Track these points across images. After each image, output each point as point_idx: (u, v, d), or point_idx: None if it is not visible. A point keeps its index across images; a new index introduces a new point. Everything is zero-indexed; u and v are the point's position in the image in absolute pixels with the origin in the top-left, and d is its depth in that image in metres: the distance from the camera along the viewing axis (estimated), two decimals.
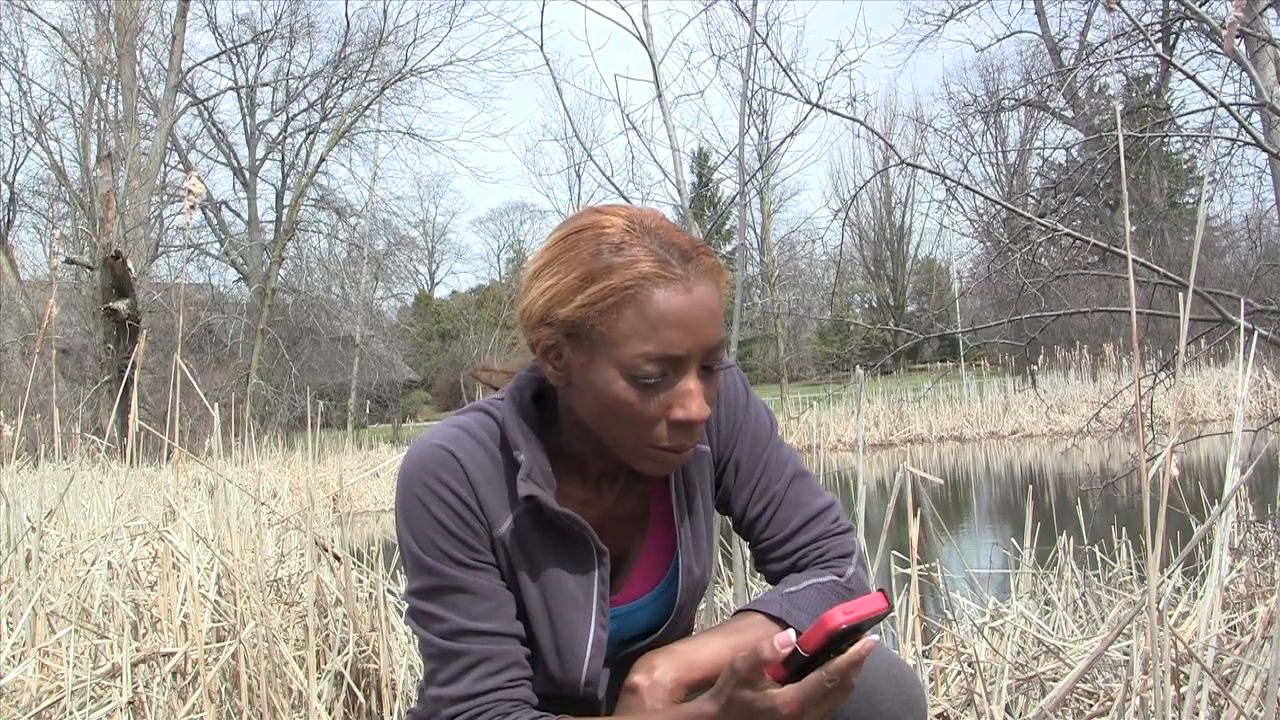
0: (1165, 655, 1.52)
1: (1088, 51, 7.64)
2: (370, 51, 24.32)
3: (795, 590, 1.21)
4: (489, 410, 1.21)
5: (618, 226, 1.09)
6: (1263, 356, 9.88)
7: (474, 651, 1.14)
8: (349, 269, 25.64)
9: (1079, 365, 16.99)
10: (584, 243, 1.09)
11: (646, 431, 1.10)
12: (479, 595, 1.15)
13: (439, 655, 1.15)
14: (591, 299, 1.07)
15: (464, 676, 1.13)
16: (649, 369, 1.07)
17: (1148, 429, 4.51)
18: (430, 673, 1.17)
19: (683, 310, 1.06)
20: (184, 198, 2.13)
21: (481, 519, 1.16)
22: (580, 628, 1.20)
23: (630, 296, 1.06)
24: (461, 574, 1.14)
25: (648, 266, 1.06)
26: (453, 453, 1.15)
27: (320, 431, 13.93)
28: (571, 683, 1.20)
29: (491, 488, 1.16)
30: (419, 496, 1.14)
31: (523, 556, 1.18)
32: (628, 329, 1.06)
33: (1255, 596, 2.50)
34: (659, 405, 1.08)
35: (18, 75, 21.71)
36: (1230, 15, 1.50)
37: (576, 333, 1.09)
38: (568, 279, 1.09)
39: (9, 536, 2.69)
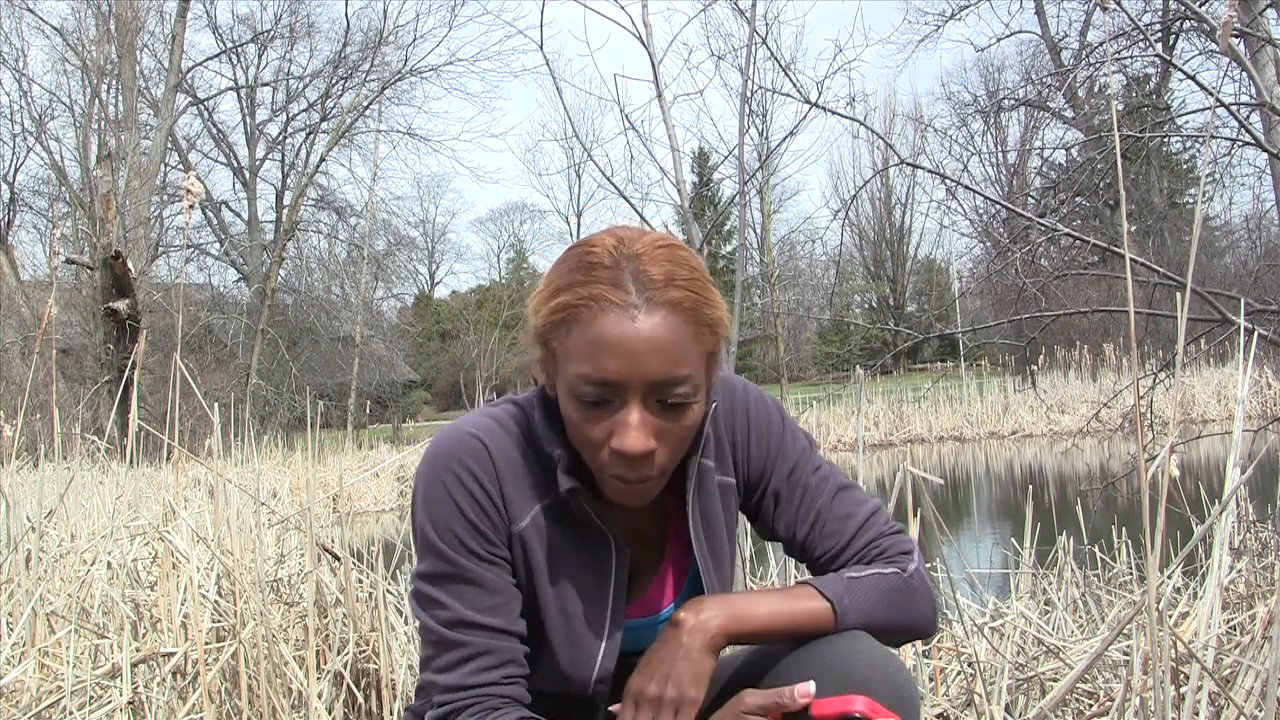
0: (1165, 655, 1.52)
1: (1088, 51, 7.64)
2: (370, 51, 24.34)
3: (857, 576, 1.20)
4: (520, 404, 1.22)
5: (605, 247, 1.10)
6: (1263, 356, 9.89)
7: (473, 644, 1.14)
8: (349, 269, 25.65)
9: (1079, 365, 16.99)
10: (570, 258, 1.12)
11: (595, 454, 1.11)
12: (487, 589, 1.15)
13: (438, 642, 1.15)
14: (551, 312, 1.09)
15: (459, 667, 1.14)
16: (586, 390, 1.08)
17: (1147, 429, 4.51)
18: (426, 658, 1.17)
19: (621, 338, 1.06)
20: (183, 198, 2.13)
21: (502, 513, 1.16)
22: (595, 624, 1.20)
23: (576, 316, 1.07)
24: (473, 565, 1.14)
25: (600, 289, 1.06)
26: (484, 442, 1.16)
27: (320, 431, 13.93)
28: (582, 680, 1.20)
29: (517, 482, 1.17)
30: (443, 481, 1.14)
31: (542, 552, 1.18)
32: (572, 347, 1.08)
33: (1255, 596, 2.50)
34: (602, 430, 1.09)
35: (18, 75, 21.73)
36: (1225, 14, 1.50)
37: (544, 343, 1.12)
38: (545, 290, 1.11)
39: (9, 536, 2.69)
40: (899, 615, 1.21)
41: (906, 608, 1.21)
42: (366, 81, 24.48)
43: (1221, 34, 1.63)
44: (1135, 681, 1.70)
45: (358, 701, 2.32)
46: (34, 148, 22.40)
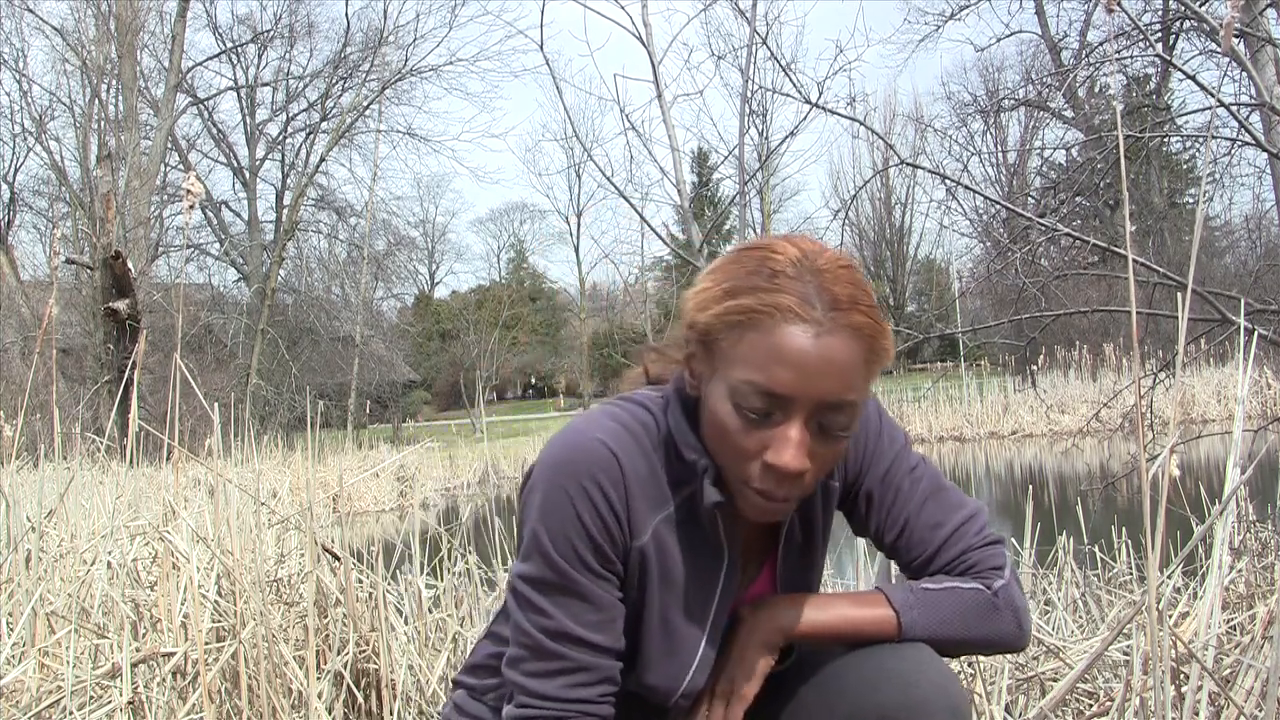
0: (1165, 655, 1.52)
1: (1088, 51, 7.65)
2: (370, 51, 24.35)
3: (931, 589, 1.19)
4: (648, 406, 1.17)
5: (787, 256, 1.07)
6: (1263, 356, 9.89)
7: (572, 659, 1.11)
8: (349, 269, 25.66)
9: (1079, 365, 16.98)
10: (748, 260, 1.08)
11: (741, 466, 1.07)
12: (595, 604, 1.12)
13: (534, 648, 1.12)
14: (726, 312, 1.06)
15: (554, 678, 1.11)
16: (753, 400, 1.04)
17: (1148, 429, 4.51)
18: (518, 658, 1.14)
19: (801, 352, 1.02)
20: (183, 198, 2.13)
21: (625, 530, 1.12)
22: (692, 642, 1.17)
23: (757, 322, 1.04)
24: (586, 580, 1.11)
25: (786, 299, 1.04)
26: (616, 455, 1.11)
27: (320, 431, 13.94)
28: (668, 692, 1.18)
29: (643, 496, 1.13)
30: (569, 492, 1.10)
31: (656, 563, 1.15)
32: (745, 352, 1.04)
33: (1255, 596, 2.50)
34: (756, 442, 1.05)
35: (18, 75, 21.73)
36: (1228, 15, 1.50)
37: (706, 342, 1.09)
38: (716, 288, 1.08)
39: (9, 536, 2.69)
40: (974, 631, 1.19)
41: (984, 624, 1.19)
42: (366, 81, 24.51)
43: (1223, 35, 1.63)
44: (1135, 681, 1.70)
45: (358, 701, 2.32)
46: (34, 148, 22.43)
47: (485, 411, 17.75)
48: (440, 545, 2.90)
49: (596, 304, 41.14)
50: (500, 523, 3.06)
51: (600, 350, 35.93)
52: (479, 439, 19.02)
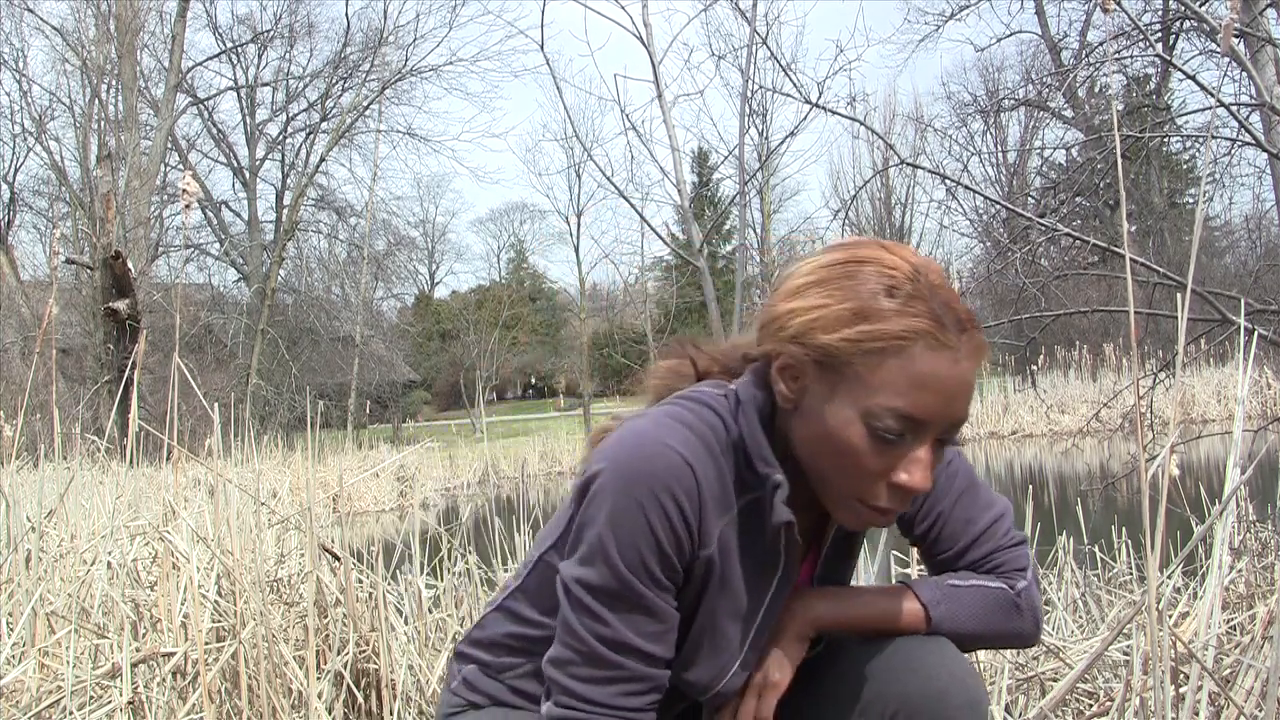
0: (1165, 655, 1.52)
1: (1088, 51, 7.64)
2: (370, 51, 24.35)
3: (959, 585, 1.21)
4: (716, 410, 1.14)
5: (903, 272, 1.06)
6: (1263, 356, 9.89)
7: (628, 669, 1.09)
8: (349, 269, 25.66)
9: (1079, 365, 16.99)
10: (865, 275, 1.06)
11: (863, 485, 1.07)
12: (657, 617, 1.10)
13: (588, 655, 1.09)
14: (860, 336, 1.04)
15: (606, 686, 1.10)
16: (891, 424, 1.04)
17: (1147, 429, 4.51)
18: (567, 660, 1.11)
19: (945, 379, 1.04)
20: (181, 197, 2.13)
21: (695, 541, 1.10)
22: (736, 644, 1.17)
23: (900, 348, 1.03)
24: (651, 593, 1.09)
25: (925, 324, 1.04)
26: (693, 469, 1.08)
27: (320, 431, 13.94)
28: (705, 688, 1.18)
29: (714, 505, 1.11)
30: (642, 504, 1.06)
31: (717, 569, 1.13)
32: (886, 379, 1.03)
33: (1255, 596, 2.50)
34: (884, 462, 1.05)
35: (18, 75, 21.73)
36: (1228, 15, 1.50)
37: (830, 363, 1.06)
38: (838, 307, 1.06)
39: (9, 536, 2.69)
40: (994, 628, 1.22)
41: (1004, 623, 1.22)
42: (366, 81, 24.51)
43: (1223, 35, 1.64)
44: (1135, 681, 1.70)
45: (358, 701, 2.32)
46: (34, 148, 22.42)
47: (485, 411, 17.77)
48: (440, 545, 2.90)
49: (596, 304, 41.14)
50: (500, 523, 3.06)
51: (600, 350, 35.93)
52: (479, 439, 19.03)
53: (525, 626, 1.23)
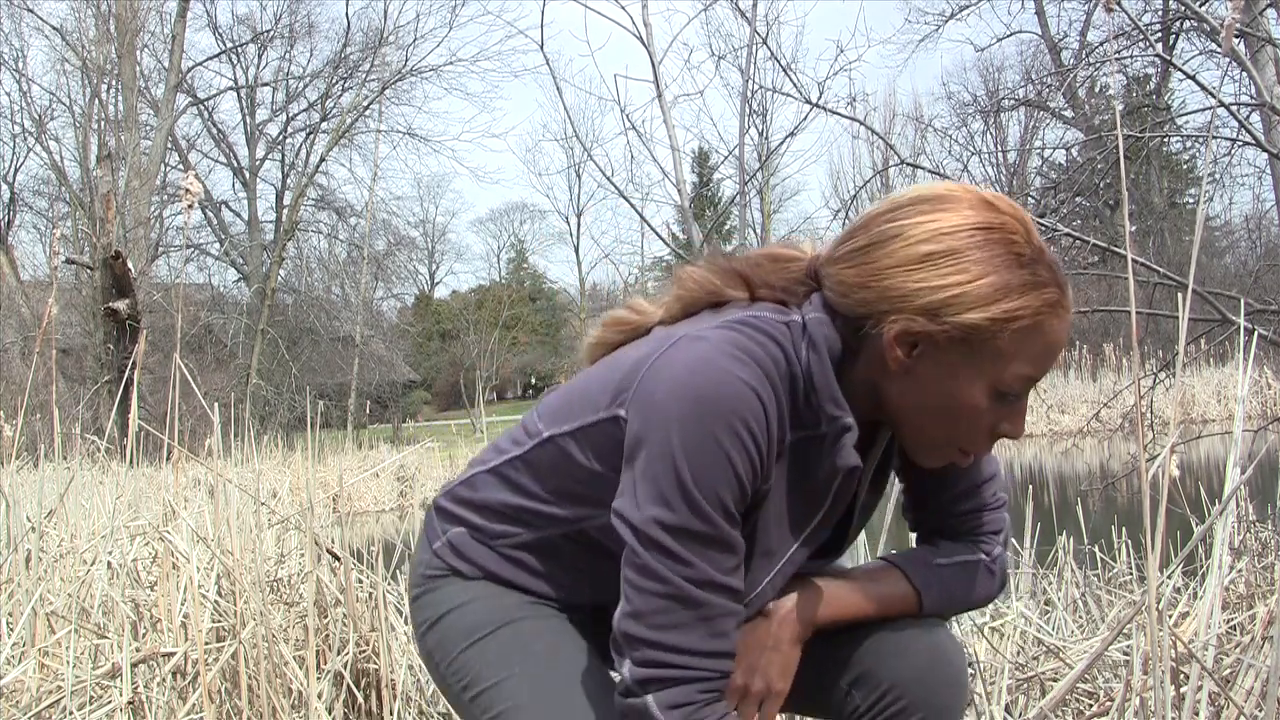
0: (1165, 655, 1.52)
1: (1088, 51, 7.65)
2: (370, 51, 24.35)
3: (945, 563, 1.23)
4: (776, 339, 1.10)
5: (1022, 237, 1.07)
6: (1263, 356, 9.89)
7: (716, 605, 1.05)
8: (349, 269, 25.66)
9: (1079, 365, 16.98)
10: (995, 244, 1.06)
11: (969, 435, 1.10)
12: (733, 550, 1.07)
13: (675, 597, 1.04)
14: (1005, 314, 1.04)
15: (695, 629, 1.05)
16: (1018, 388, 1.07)
17: (1147, 429, 4.51)
18: (648, 610, 1.05)
19: (1064, 339, 1.08)
20: (182, 197, 2.13)
21: (763, 475, 1.08)
22: (771, 562, 1.16)
23: (1040, 322, 1.06)
24: (728, 528, 1.05)
25: (1054, 295, 1.07)
26: (764, 403, 1.05)
27: (320, 431, 13.93)
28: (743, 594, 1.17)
29: (779, 436, 1.09)
30: (719, 439, 1.02)
31: (770, 499, 1.12)
32: (1024, 350, 1.06)
33: (1255, 596, 2.50)
34: (996, 417, 1.09)
35: (18, 75, 21.74)
36: (1229, 16, 1.50)
37: (968, 338, 1.05)
38: (980, 283, 1.04)
39: (9, 536, 2.69)
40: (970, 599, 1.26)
41: (979, 590, 1.26)
42: (366, 81, 24.51)
43: (1224, 35, 1.64)
44: (1135, 681, 1.70)
45: (358, 701, 2.32)
46: (34, 148, 22.42)
47: (485, 411, 17.80)
48: None
49: (596, 304, 41.13)
50: None
51: None
52: (479, 439, 19.04)
53: (526, 499, 1.19)
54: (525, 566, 1.20)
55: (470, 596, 1.20)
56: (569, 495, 1.16)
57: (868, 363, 1.11)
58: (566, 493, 1.16)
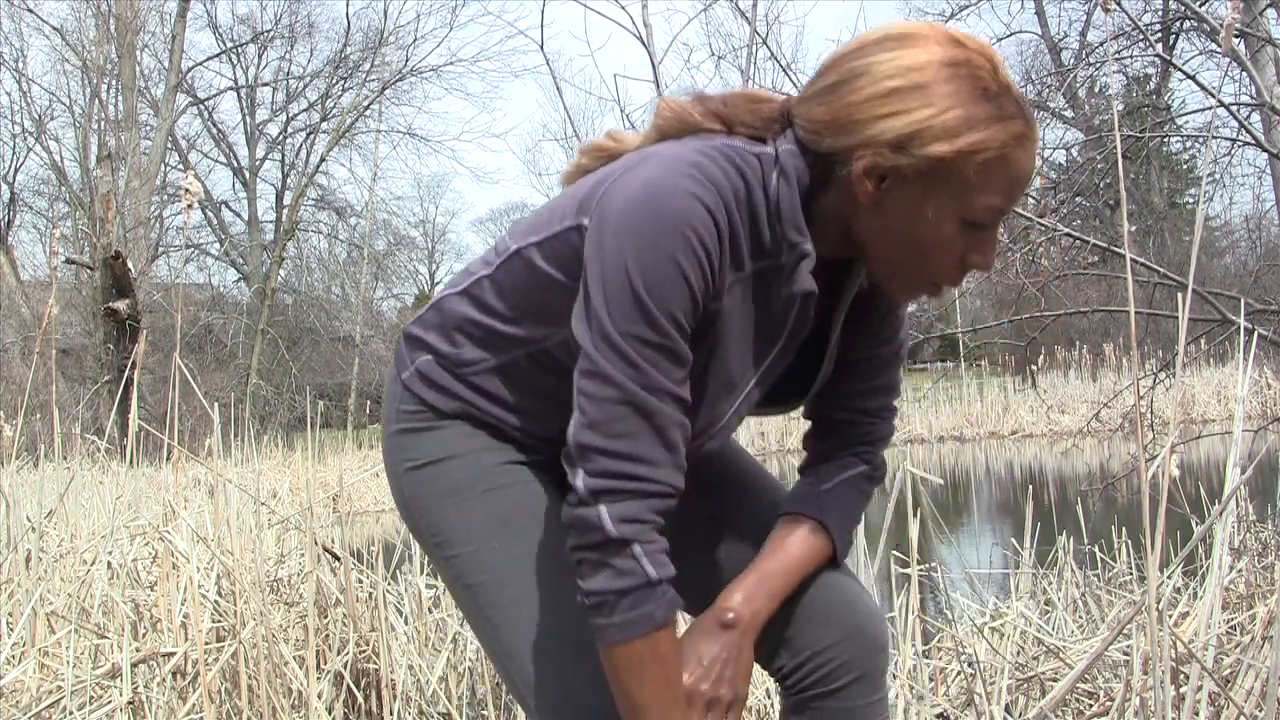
0: (1165, 655, 1.52)
1: (1088, 51, 7.65)
2: (370, 52, 24.33)
3: (829, 487, 1.26)
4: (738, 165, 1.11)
5: (987, 71, 1.08)
6: (1263, 356, 9.88)
7: (667, 414, 1.06)
8: (349, 269, 25.64)
9: (1079, 365, 16.98)
10: (961, 79, 1.07)
11: (939, 267, 1.11)
12: (682, 362, 1.08)
13: (630, 403, 1.05)
14: (972, 146, 1.06)
15: (645, 437, 1.06)
16: (985, 218, 1.09)
17: (1147, 429, 4.51)
18: (599, 420, 1.05)
19: (1029, 170, 1.10)
20: (182, 197, 2.13)
21: (713, 291, 1.09)
22: (731, 393, 1.18)
23: (1007, 154, 1.07)
24: (678, 338, 1.07)
25: (1019, 127, 1.07)
26: (715, 220, 1.07)
27: (320, 431, 13.93)
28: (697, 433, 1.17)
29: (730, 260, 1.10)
30: (671, 250, 1.04)
31: (718, 330, 1.13)
32: (991, 181, 1.07)
33: (1255, 596, 2.50)
34: (964, 246, 1.10)
35: (18, 75, 21.70)
36: (1228, 15, 1.50)
37: (935, 170, 1.07)
38: (946, 116, 1.06)
39: (9, 536, 2.69)
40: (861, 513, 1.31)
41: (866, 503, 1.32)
42: (367, 81, 24.48)
43: (1224, 35, 1.64)
44: (1135, 681, 1.70)
45: (358, 701, 2.32)
46: (34, 148, 22.36)
47: None
48: None
49: None
50: None
51: None
52: None
53: (491, 318, 1.19)
54: (495, 397, 1.20)
55: (451, 451, 1.21)
56: (533, 311, 1.17)
57: (838, 198, 1.13)
58: (531, 309, 1.17)
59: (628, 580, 1.04)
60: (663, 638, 1.07)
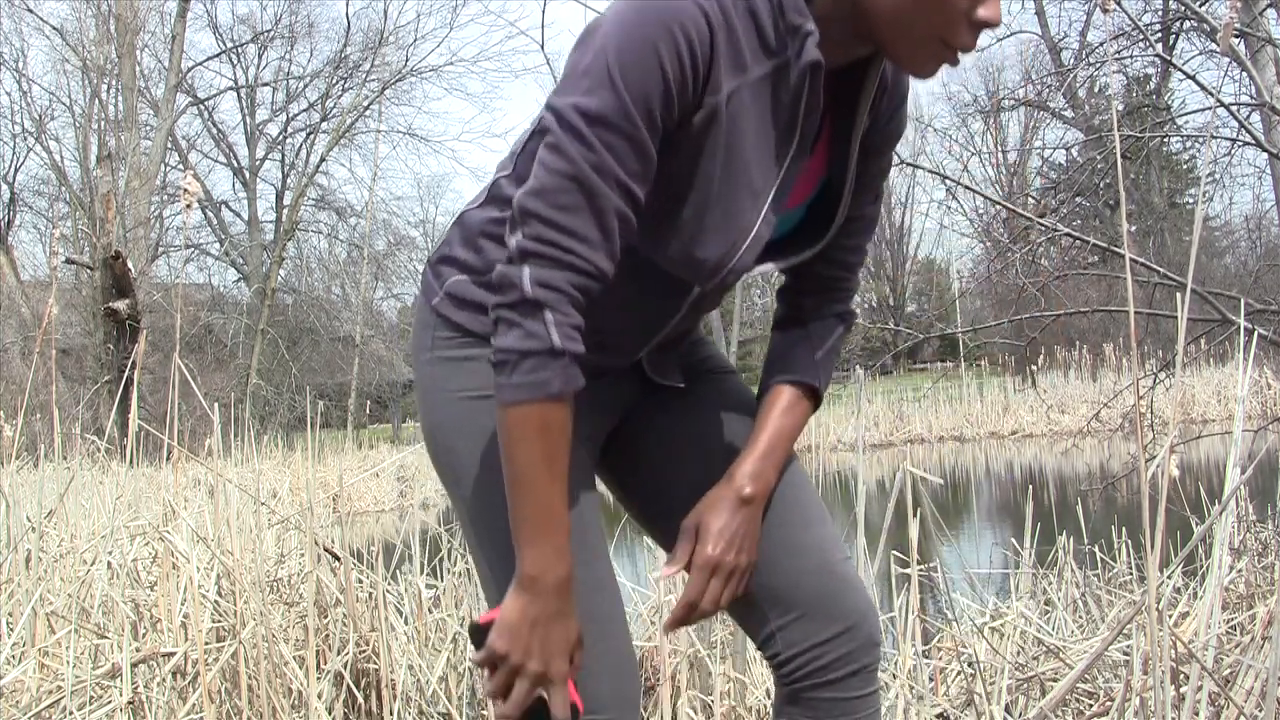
0: (1165, 655, 1.52)
1: (1088, 51, 7.64)
2: (370, 52, 24.34)
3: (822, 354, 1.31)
4: None
5: None
6: (1263, 356, 9.88)
7: (611, 200, 1.07)
8: (349, 269, 25.64)
9: (1079, 365, 16.98)
10: None
11: (949, 25, 1.09)
12: (644, 158, 1.08)
13: (578, 180, 1.06)
14: None
15: (584, 214, 1.06)
16: None
17: (1147, 429, 4.51)
18: (544, 189, 1.06)
19: None
20: (181, 197, 2.13)
21: (702, 85, 1.09)
22: (749, 217, 1.16)
23: None
24: (645, 132, 1.07)
25: None
26: (710, 22, 1.07)
27: (320, 431, 13.93)
28: (716, 266, 1.17)
29: (727, 58, 1.09)
30: (655, 42, 1.05)
31: (724, 129, 1.12)
32: None
33: (1255, 596, 2.50)
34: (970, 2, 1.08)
35: (18, 75, 21.71)
36: (1228, 15, 1.50)
37: None
38: None
39: (9, 536, 2.69)
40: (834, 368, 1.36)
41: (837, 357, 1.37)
42: (367, 81, 24.49)
43: (1223, 35, 1.63)
44: (1135, 681, 1.70)
45: (358, 701, 2.32)
46: (34, 148, 22.37)
47: None
48: (440, 545, 2.90)
49: None
50: None
51: None
52: None
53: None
54: None
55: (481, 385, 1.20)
56: None
57: None
58: None
59: (532, 343, 1.05)
60: (553, 409, 1.07)
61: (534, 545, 1.08)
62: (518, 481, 1.08)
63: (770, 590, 1.25)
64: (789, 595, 1.24)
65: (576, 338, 1.07)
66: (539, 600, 1.09)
